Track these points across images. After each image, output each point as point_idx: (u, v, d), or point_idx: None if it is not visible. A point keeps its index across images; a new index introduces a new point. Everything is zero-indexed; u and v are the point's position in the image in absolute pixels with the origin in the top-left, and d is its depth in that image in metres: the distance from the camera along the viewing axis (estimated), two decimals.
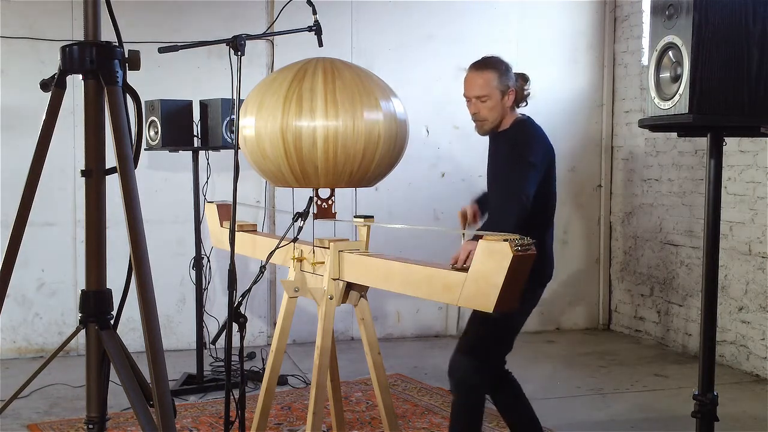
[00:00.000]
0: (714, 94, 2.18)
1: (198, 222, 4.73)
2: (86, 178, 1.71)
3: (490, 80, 3.14)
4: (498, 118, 3.18)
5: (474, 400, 3.14)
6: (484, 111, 3.16)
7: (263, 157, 2.91)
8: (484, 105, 3.15)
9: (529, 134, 3.17)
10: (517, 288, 2.33)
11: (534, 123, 3.25)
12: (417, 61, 5.98)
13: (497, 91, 3.15)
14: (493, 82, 3.14)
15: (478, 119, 3.19)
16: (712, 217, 2.34)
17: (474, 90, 3.16)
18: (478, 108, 3.17)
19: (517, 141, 3.14)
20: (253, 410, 3.38)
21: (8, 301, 3.10)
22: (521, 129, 3.19)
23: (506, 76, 3.18)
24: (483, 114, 3.17)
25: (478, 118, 3.19)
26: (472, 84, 3.17)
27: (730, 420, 4.07)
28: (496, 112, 3.17)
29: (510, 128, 3.21)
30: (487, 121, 3.18)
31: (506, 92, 3.17)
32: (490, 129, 3.20)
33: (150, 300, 1.64)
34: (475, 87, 3.16)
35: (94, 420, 1.75)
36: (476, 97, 3.15)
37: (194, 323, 4.84)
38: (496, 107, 3.16)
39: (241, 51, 3.00)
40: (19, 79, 5.30)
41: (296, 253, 3.07)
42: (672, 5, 2.23)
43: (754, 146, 5.03)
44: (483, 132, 3.23)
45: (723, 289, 5.28)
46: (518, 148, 3.11)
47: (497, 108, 3.16)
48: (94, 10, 1.70)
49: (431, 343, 6.05)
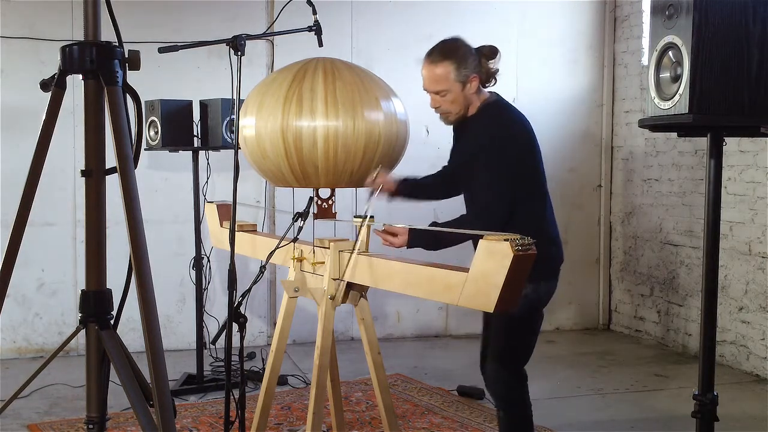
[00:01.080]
0: (714, 94, 2.18)
1: (198, 222, 4.73)
2: (86, 178, 1.71)
3: (448, 73, 2.89)
4: (462, 108, 2.95)
5: (522, 410, 3.05)
6: (445, 105, 2.95)
7: (263, 157, 2.91)
8: (445, 99, 2.93)
9: (499, 125, 2.91)
10: (518, 288, 2.33)
11: (502, 105, 3.00)
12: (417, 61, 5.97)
13: (457, 83, 2.90)
14: (450, 75, 2.89)
15: (441, 112, 2.99)
16: (712, 217, 2.34)
17: (431, 85, 2.94)
18: (439, 102, 2.95)
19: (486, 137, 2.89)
20: (253, 410, 3.37)
21: (8, 301, 3.10)
22: (489, 118, 2.94)
23: (465, 64, 2.90)
24: (445, 107, 2.96)
25: (441, 111, 2.98)
26: (429, 78, 2.94)
27: (730, 420, 4.07)
28: (458, 105, 2.94)
29: (478, 114, 2.97)
30: (451, 113, 2.97)
31: (467, 81, 2.91)
32: (456, 119, 2.99)
33: (150, 300, 1.64)
34: (431, 82, 2.93)
35: (94, 420, 1.75)
36: (434, 92, 2.94)
37: (194, 323, 4.84)
38: (458, 99, 2.93)
39: (241, 51, 3.00)
40: (19, 79, 5.30)
41: (296, 253, 3.07)
42: (672, 5, 2.23)
43: (754, 146, 5.03)
44: (449, 123, 3.03)
45: (723, 289, 5.28)
46: (488, 150, 2.86)
47: (459, 99, 2.93)
48: (94, 10, 1.70)
49: (431, 343, 6.05)
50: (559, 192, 6.30)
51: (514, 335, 3.02)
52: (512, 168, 2.88)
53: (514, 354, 3.04)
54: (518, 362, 3.05)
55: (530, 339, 3.06)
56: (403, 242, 2.88)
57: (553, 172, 3.25)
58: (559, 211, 3.42)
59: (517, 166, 2.90)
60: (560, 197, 6.36)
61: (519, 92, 6.11)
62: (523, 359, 3.06)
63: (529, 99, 6.03)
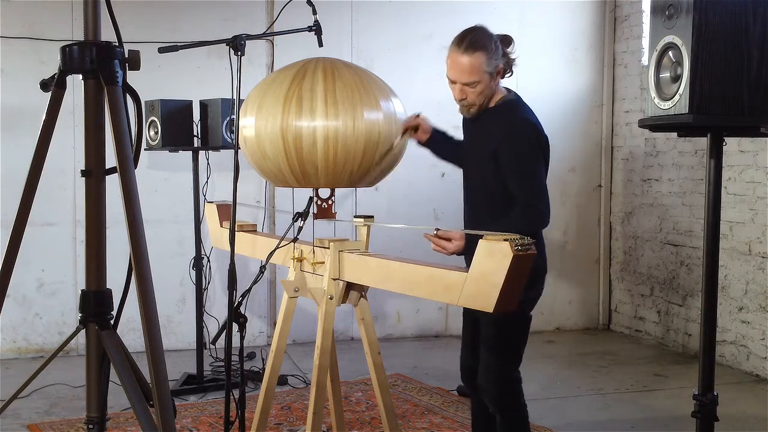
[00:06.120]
0: (714, 94, 2.18)
1: (198, 222, 4.73)
2: (86, 178, 1.71)
3: (480, 65, 2.81)
4: (486, 99, 2.91)
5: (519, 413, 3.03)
6: (472, 96, 2.88)
7: (263, 157, 2.91)
8: (473, 90, 2.86)
9: (529, 123, 2.88)
10: (518, 288, 2.33)
11: (524, 104, 2.98)
12: (417, 61, 5.98)
13: (487, 75, 2.84)
14: (483, 66, 2.82)
15: (466, 104, 2.92)
16: (712, 217, 2.34)
17: (462, 76, 2.84)
18: (466, 93, 2.88)
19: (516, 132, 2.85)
20: (253, 410, 3.37)
21: (8, 301, 3.10)
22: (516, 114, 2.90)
23: (495, 54, 2.84)
24: (471, 99, 2.89)
25: (466, 103, 2.91)
26: (459, 69, 2.84)
27: (730, 420, 4.07)
28: (484, 96, 2.89)
29: (498, 108, 2.93)
30: (475, 105, 2.91)
31: (495, 73, 2.87)
32: (477, 111, 2.93)
33: (150, 300, 1.64)
34: (463, 73, 2.84)
35: (94, 420, 1.75)
36: (464, 84, 2.86)
37: (194, 323, 4.84)
38: (485, 90, 2.87)
39: (241, 51, 3.00)
40: (19, 79, 5.30)
41: (296, 253, 3.06)
42: (672, 5, 2.23)
43: (754, 146, 5.03)
44: (471, 115, 2.96)
45: (723, 289, 5.28)
46: (519, 144, 2.83)
47: (486, 91, 2.88)
48: (94, 10, 1.70)
49: (431, 343, 6.05)
50: (559, 192, 6.31)
51: (507, 341, 3.01)
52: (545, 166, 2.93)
53: (509, 359, 3.02)
54: (513, 367, 3.04)
55: (523, 343, 3.06)
56: (457, 248, 2.73)
57: (553, 172, 3.24)
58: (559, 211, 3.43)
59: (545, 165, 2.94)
60: (560, 197, 6.37)
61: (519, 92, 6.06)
62: (518, 363, 3.06)
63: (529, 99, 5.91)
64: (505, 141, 2.86)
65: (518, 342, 3.04)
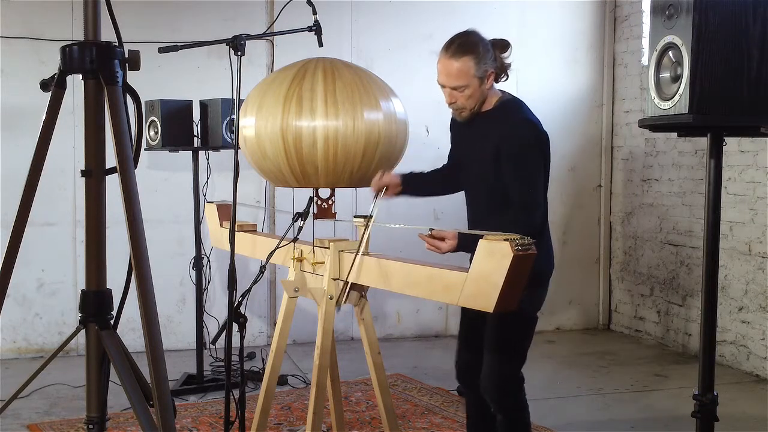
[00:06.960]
0: (714, 94, 2.18)
1: (198, 222, 4.73)
2: (86, 178, 1.71)
3: (468, 69, 2.82)
4: (477, 103, 2.90)
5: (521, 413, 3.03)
6: (461, 100, 2.88)
7: (263, 157, 2.91)
8: (462, 94, 2.86)
9: (529, 122, 2.88)
10: (518, 288, 2.33)
11: (522, 104, 2.98)
12: (417, 61, 5.98)
13: (476, 79, 2.84)
14: (471, 70, 2.82)
15: (456, 108, 2.92)
16: (712, 217, 2.34)
17: (449, 80, 2.85)
18: (455, 97, 2.88)
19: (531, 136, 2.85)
20: (253, 410, 3.37)
21: (8, 301, 3.10)
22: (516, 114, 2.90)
23: (485, 59, 2.84)
24: (461, 103, 2.89)
25: (456, 107, 2.92)
26: (447, 73, 2.85)
27: (730, 420, 4.07)
28: (474, 100, 2.88)
29: (495, 110, 2.93)
30: (466, 109, 2.90)
31: (486, 76, 2.86)
32: (470, 115, 2.93)
33: (150, 300, 1.64)
34: (450, 77, 2.84)
35: (94, 420, 1.75)
36: (452, 88, 2.86)
37: (194, 323, 4.84)
38: (475, 94, 2.87)
39: (241, 51, 3.00)
40: (19, 79, 5.30)
41: (296, 253, 3.07)
42: (672, 5, 2.23)
43: (754, 146, 5.03)
44: (463, 119, 2.95)
45: (723, 289, 5.28)
46: (519, 145, 2.82)
47: (476, 95, 2.87)
48: (94, 10, 1.70)
49: (431, 343, 6.05)
50: (559, 192, 6.32)
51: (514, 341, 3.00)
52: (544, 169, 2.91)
53: (513, 359, 3.02)
54: (517, 367, 3.03)
55: (527, 343, 3.05)
56: (451, 247, 2.73)
57: (553, 172, 3.23)
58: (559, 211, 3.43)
59: (544, 167, 2.91)
60: (560, 197, 6.38)
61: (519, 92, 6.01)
62: (522, 363, 3.05)
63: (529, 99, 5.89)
64: (505, 140, 2.85)
65: (524, 343, 3.03)
